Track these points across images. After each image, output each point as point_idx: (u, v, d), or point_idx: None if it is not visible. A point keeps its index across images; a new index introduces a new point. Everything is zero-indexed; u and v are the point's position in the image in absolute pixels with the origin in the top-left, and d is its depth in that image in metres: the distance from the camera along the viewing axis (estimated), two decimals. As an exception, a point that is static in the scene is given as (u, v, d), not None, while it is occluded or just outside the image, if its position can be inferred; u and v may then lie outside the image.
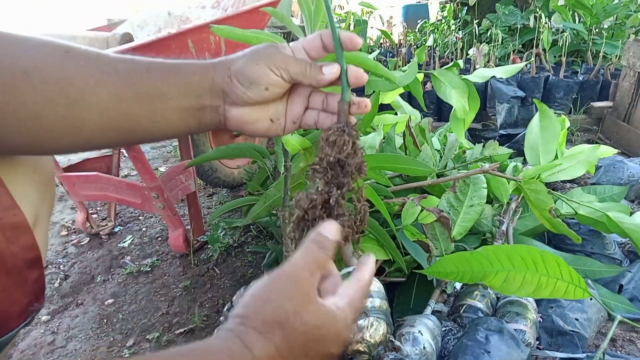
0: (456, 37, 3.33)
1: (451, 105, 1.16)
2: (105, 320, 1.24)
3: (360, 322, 0.78)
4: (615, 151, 1.43)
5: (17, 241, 0.48)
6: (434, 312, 0.98)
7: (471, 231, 1.15)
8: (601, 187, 1.40)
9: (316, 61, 0.52)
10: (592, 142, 2.34)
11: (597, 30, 3.17)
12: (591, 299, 0.97)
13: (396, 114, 1.58)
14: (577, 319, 0.95)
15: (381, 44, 4.33)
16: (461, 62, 1.41)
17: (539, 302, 1.01)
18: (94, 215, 1.87)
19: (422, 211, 1.03)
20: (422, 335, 0.82)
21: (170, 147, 2.63)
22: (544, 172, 1.12)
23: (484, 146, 1.44)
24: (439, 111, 2.66)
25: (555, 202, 1.06)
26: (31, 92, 0.41)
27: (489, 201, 1.23)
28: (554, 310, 0.98)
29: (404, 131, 1.31)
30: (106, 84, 0.45)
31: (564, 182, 1.76)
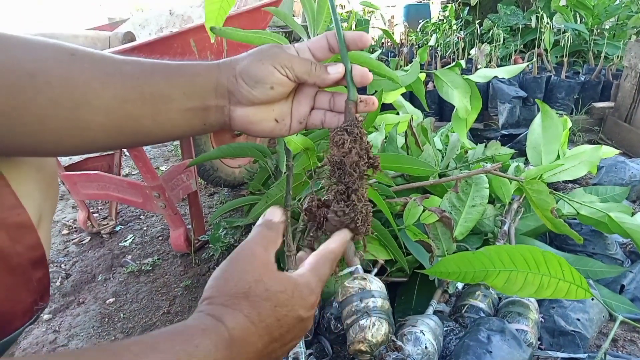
0: (458, 37, 3.33)
1: (453, 105, 1.16)
2: (106, 319, 1.24)
3: (362, 322, 0.78)
4: (616, 152, 1.43)
5: (22, 240, 0.48)
6: (435, 312, 0.97)
7: (473, 231, 1.15)
8: (603, 187, 1.40)
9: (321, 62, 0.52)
10: (593, 142, 2.34)
11: (598, 30, 3.17)
12: (593, 299, 0.97)
13: (398, 113, 1.58)
14: (578, 319, 0.95)
15: (383, 43, 4.32)
16: (463, 62, 1.41)
17: (540, 302, 1.01)
18: (95, 214, 1.87)
19: (424, 211, 1.03)
20: (424, 335, 0.82)
21: (171, 147, 2.63)
22: (545, 173, 1.12)
23: (485, 146, 1.44)
24: (441, 111, 2.66)
25: (557, 202, 1.06)
26: (36, 95, 0.41)
27: (491, 201, 1.23)
28: (555, 310, 0.98)
29: (406, 131, 1.31)
30: (111, 86, 0.45)
31: (565, 182, 1.76)
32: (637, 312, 1.02)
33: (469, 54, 3.13)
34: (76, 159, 1.65)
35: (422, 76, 1.24)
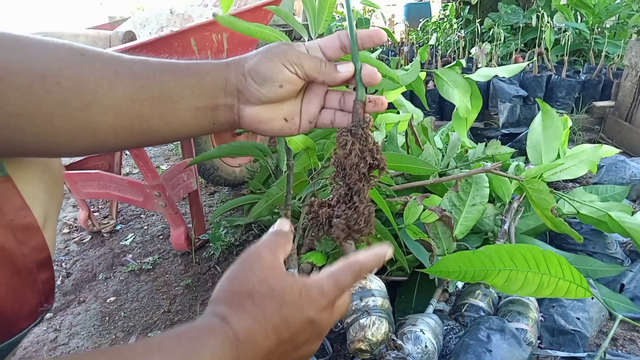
0: (458, 36, 3.33)
1: (453, 104, 1.15)
2: (107, 317, 1.24)
3: (362, 321, 0.78)
4: (617, 151, 1.43)
5: (28, 242, 0.48)
6: (435, 311, 0.98)
7: (473, 230, 1.15)
8: (603, 186, 1.40)
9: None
10: (594, 141, 2.34)
11: (599, 29, 3.17)
12: (593, 298, 0.97)
13: (398, 112, 1.58)
14: (578, 318, 0.95)
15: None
16: (463, 61, 1.41)
17: (540, 301, 1.01)
18: (96, 213, 1.87)
19: (424, 210, 1.04)
20: (424, 334, 0.82)
21: (171, 145, 2.63)
22: (546, 172, 1.12)
23: (486, 145, 1.44)
24: (441, 110, 2.66)
25: (557, 201, 1.06)
26: (47, 96, 0.41)
27: (491, 200, 1.23)
28: (555, 309, 0.98)
29: (406, 130, 1.31)
30: (120, 86, 0.45)
31: (566, 181, 1.76)
32: (637, 311, 1.03)
33: (470, 53, 3.13)
34: (77, 157, 1.65)
35: (423, 75, 1.24)
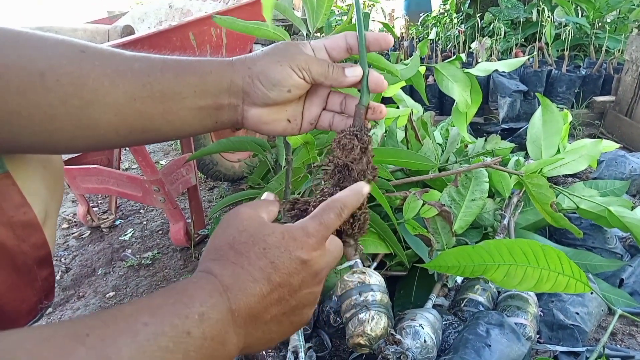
0: (458, 31, 3.31)
1: (453, 98, 1.15)
2: (106, 312, 1.24)
3: (361, 316, 0.78)
4: (617, 146, 1.43)
5: (28, 239, 0.48)
6: (434, 306, 0.98)
7: (472, 225, 1.14)
8: (603, 181, 1.39)
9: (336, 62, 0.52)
10: (594, 136, 2.34)
11: (600, 24, 3.16)
12: (592, 293, 0.97)
13: (398, 107, 1.57)
14: (577, 313, 0.95)
15: (383, 37, 4.30)
16: (463, 55, 1.40)
17: (539, 296, 1.01)
18: (95, 208, 1.87)
19: (423, 205, 1.03)
20: (423, 328, 0.82)
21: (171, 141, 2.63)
22: (546, 167, 1.12)
23: (486, 140, 1.44)
24: (441, 105, 2.65)
25: (557, 196, 1.06)
26: (46, 94, 0.41)
27: (491, 195, 1.23)
28: (554, 304, 0.98)
29: (406, 125, 1.31)
30: (121, 84, 0.44)
31: (565, 176, 1.76)
32: (636, 306, 1.03)
33: (470, 48, 3.12)
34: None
35: (422, 70, 1.23)
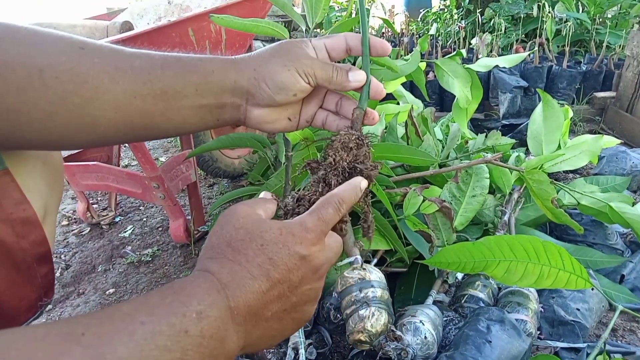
0: (459, 27, 3.31)
1: (454, 94, 1.15)
2: (106, 309, 1.24)
3: (361, 312, 0.78)
4: (618, 142, 1.43)
5: (27, 236, 0.48)
6: (435, 302, 0.98)
7: (473, 221, 1.14)
8: (604, 177, 1.39)
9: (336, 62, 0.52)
10: (594, 132, 2.33)
11: (600, 19, 3.14)
12: (593, 289, 0.97)
13: (398, 103, 1.57)
14: (578, 309, 0.95)
15: (383, 33, 4.30)
16: (464, 51, 1.39)
17: (540, 292, 1.01)
18: (95, 205, 1.87)
19: (424, 201, 1.03)
20: (424, 325, 0.82)
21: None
22: (546, 163, 1.11)
23: (486, 136, 1.43)
24: (442, 101, 2.65)
25: (557, 192, 1.06)
26: (46, 91, 0.41)
27: (491, 191, 1.22)
28: (555, 300, 0.98)
29: (406, 121, 1.31)
30: (121, 82, 0.44)
31: (566, 172, 1.76)
32: (636, 302, 1.02)
33: (470, 44, 3.11)
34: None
35: (423, 65, 1.23)
